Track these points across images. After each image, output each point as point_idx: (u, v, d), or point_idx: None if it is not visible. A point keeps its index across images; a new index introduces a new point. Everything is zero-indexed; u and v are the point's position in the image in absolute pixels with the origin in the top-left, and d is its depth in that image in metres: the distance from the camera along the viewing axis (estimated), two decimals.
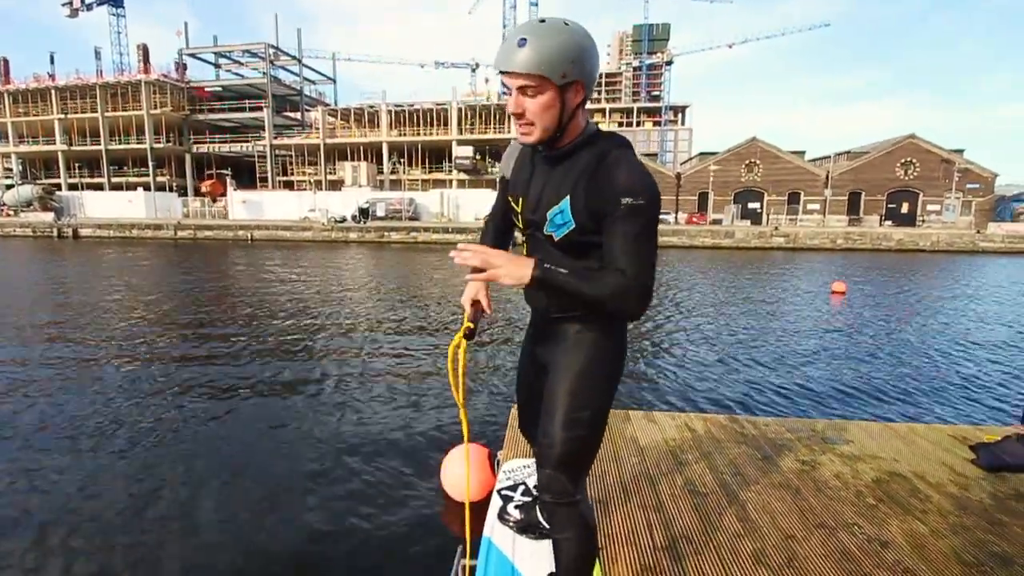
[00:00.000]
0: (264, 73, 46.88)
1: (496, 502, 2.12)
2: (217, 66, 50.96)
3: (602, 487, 2.37)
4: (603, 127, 1.42)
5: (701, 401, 4.96)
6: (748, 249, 27.72)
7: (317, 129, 45.26)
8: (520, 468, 2.41)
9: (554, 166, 1.36)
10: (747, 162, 41.11)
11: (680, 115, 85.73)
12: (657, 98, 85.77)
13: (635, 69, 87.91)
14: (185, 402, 4.79)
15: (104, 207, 40.47)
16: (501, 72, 1.21)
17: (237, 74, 50.94)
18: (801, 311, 9.97)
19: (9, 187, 42.38)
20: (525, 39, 1.15)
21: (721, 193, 41.08)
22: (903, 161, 38.68)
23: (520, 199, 1.44)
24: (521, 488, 2.23)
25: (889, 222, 38.12)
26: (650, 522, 2.10)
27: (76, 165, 48.36)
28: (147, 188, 43.06)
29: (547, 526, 1.80)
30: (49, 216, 37.07)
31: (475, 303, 1.51)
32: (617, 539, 2.00)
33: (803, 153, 44.66)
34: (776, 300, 11.22)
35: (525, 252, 1.43)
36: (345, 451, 3.78)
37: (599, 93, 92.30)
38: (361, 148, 44.35)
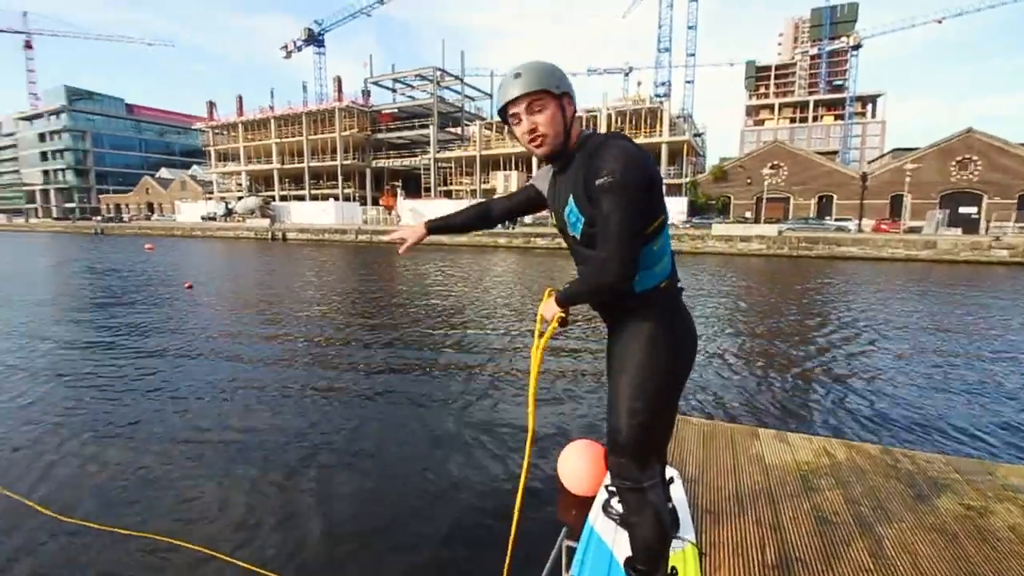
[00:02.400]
0: (431, 94, 51.89)
1: (602, 495, 2.22)
2: (393, 90, 57.72)
3: (715, 496, 2.32)
4: (771, 124, 1.57)
5: (849, 427, 4.39)
6: (954, 263, 22.97)
7: (474, 142, 48.70)
8: None
9: (563, 175, 1.56)
10: (959, 159, 34.01)
11: (870, 106, 74.25)
12: (839, 88, 75.35)
13: (812, 57, 78.41)
14: (344, 378, 5.66)
15: (305, 215, 48.51)
16: (508, 103, 1.46)
17: (410, 96, 57.09)
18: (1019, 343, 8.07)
19: (239, 199, 53.22)
20: (519, 72, 1.43)
21: (921, 196, 34.60)
22: None
23: (553, 214, 1.67)
24: None
25: None
26: (763, 538, 2.03)
27: (286, 180, 58.72)
28: (337, 199, 50.64)
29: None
30: (266, 222, 45.67)
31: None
32: (724, 547, 1.97)
33: None
34: (987, 327, 9.21)
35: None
36: (481, 431, 4.16)
37: (766, 87, 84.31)
38: (513, 158, 46.60)
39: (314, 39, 64.38)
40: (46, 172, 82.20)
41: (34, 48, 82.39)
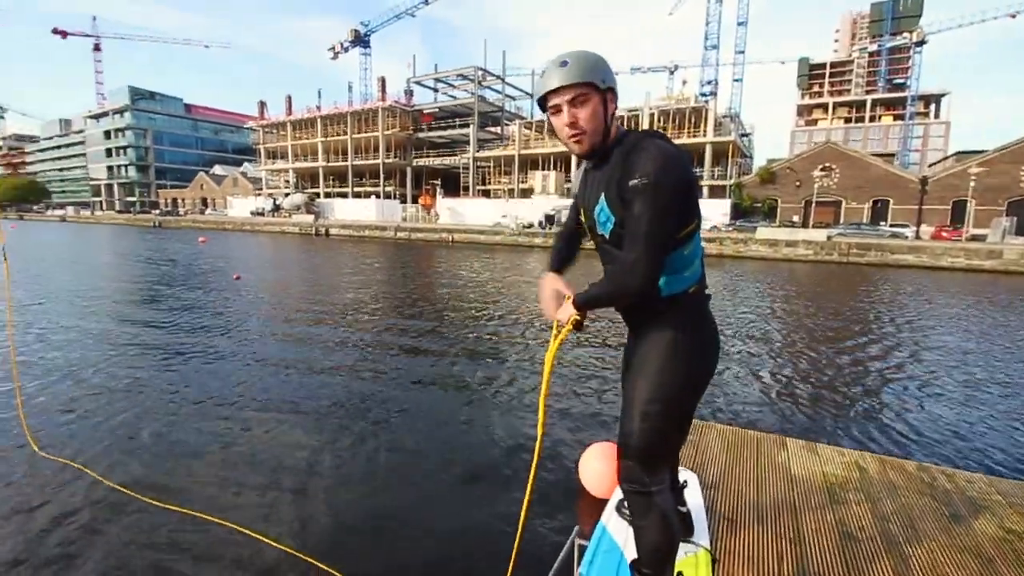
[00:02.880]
0: (472, 94, 52.36)
1: (617, 495, 2.21)
2: (435, 90, 58.54)
3: (735, 503, 2.27)
4: (825, 124, 1.53)
5: (886, 443, 4.17)
6: (1021, 275, 21.44)
7: (513, 141, 48.83)
8: None
9: (596, 171, 1.51)
10: None
11: (933, 106, 70.15)
12: (900, 87, 71.49)
13: (871, 54, 74.66)
14: (378, 362, 5.81)
15: (347, 211, 49.85)
16: (551, 92, 1.39)
17: (451, 96, 57.77)
18: None
19: (286, 195, 55.22)
20: (566, 60, 1.36)
21: (986, 202, 32.46)
22: None
23: (582, 210, 1.62)
24: None
25: None
26: (781, 550, 1.97)
27: (330, 177, 60.47)
28: (378, 196, 51.81)
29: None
30: (310, 218, 47.18)
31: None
32: (740, 556, 1.93)
33: None
34: None
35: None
36: (505, 431, 4.20)
37: (820, 86, 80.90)
38: (552, 157, 46.46)
39: (360, 40, 66.06)
40: (110, 168, 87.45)
41: (102, 50, 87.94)
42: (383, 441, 4.03)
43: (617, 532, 2.01)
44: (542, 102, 1.45)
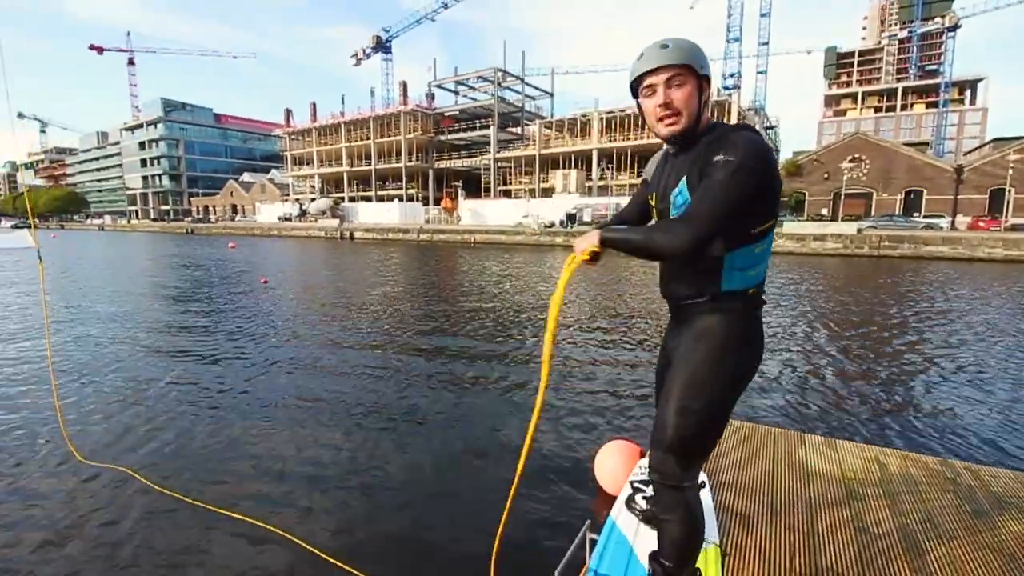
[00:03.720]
0: (492, 95, 52.57)
1: (626, 490, 2.24)
2: (456, 93, 58.94)
3: (749, 499, 2.27)
4: (854, 114, 1.53)
5: (909, 440, 4.07)
6: None
7: (534, 141, 48.81)
8: None
9: (680, 157, 1.50)
10: None
11: (968, 92, 67.51)
12: (933, 73, 68.97)
13: (901, 41, 72.20)
14: (403, 361, 5.91)
15: (371, 215, 50.60)
16: (647, 73, 1.41)
17: (471, 98, 58.10)
18: None
19: (312, 200, 56.38)
20: (667, 44, 1.39)
21: None
22: None
23: (654, 195, 1.62)
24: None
25: None
26: (794, 545, 1.97)
27: (354, 182, 61.45)
28: (401, 199, 52.45)
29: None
30: (335, 222, 48.05)
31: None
32: (751, 550, 1.94)
33: None
34: None
35: None
36: (519, 427, 4.25)
37: (848, 76, 78.59)
38: (572, 156, 46.28)
39: (382, 46, 67.01)
40: (145, 177, 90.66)
41: (135, 64, 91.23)
42: (424, 445, 4.05)
43: (627, 527, 2.03)
44: (635, 85, 1.46)
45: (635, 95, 1.49)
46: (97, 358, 6.48)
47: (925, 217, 31.66)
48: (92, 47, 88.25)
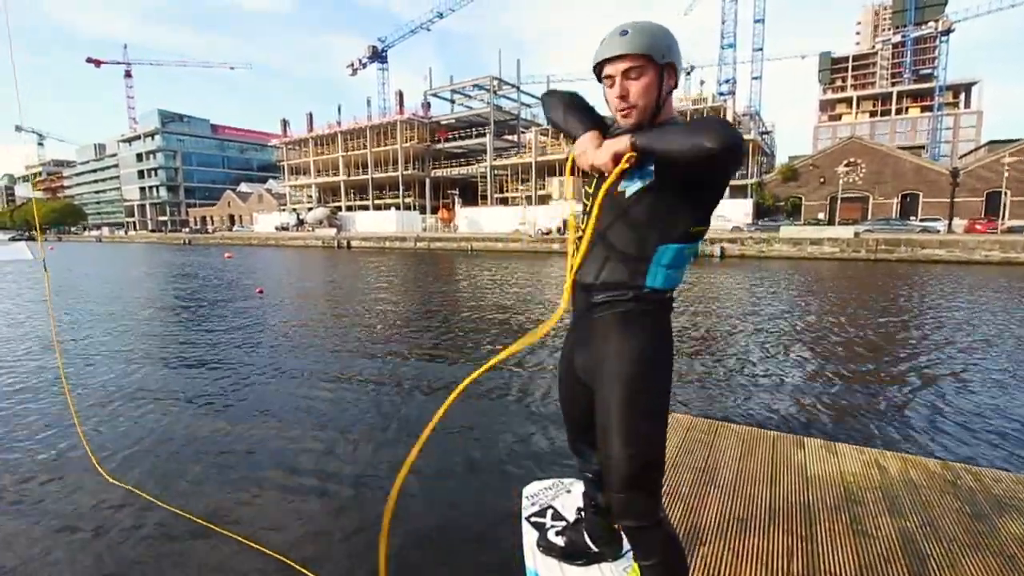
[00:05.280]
0: (488, 103, 52.84)
1: (529, 532, 1.98)
2: (452, 101, 59.24)
3: (746, 504, 2.23)
4: (849, 118, 1.43)
5: (912, 443, 4.03)
6: None
7: (530, 149, 49.02)
8: (542, 491, 2.27)
9: None
10: None
11: (963, 96, 68.04)
12: (927, 77, 69.56)
13: (895, 46, 72.86)
14: (397, 369, 5.88)
15: (368, 223, 50.67)
16: (605, 62, 1.29)
17: (467, 106, 58.40)
18: None
19: (309, 210, 56.48)
20: (627, 30, 1.27)
21: (1022, 192, 31.24)
22: None
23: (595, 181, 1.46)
24: (550, 512, 2.10)
25: None
26: (791, 549, 1.93)
27: (351, 191, 61.57)
28: (398, 208, 52.54)
29: (595, 548, 1.78)
30: (332, 231, 48.10)
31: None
32: (745, 556, 1.90)
33: None
34: None
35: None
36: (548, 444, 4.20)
37: (843, 80, 79.21)
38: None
39: (378, 56, 67.42)
40: (142, 189, 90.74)
41: (132, 76, 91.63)
42: (434, 458, 3.89)
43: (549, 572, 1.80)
44: (598, 72, 1.33)
45: (600, 81, 1.36)
46: (101, 370, 6.43)
47: (922, 220, 31.78)
48: (90, 60, 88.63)
